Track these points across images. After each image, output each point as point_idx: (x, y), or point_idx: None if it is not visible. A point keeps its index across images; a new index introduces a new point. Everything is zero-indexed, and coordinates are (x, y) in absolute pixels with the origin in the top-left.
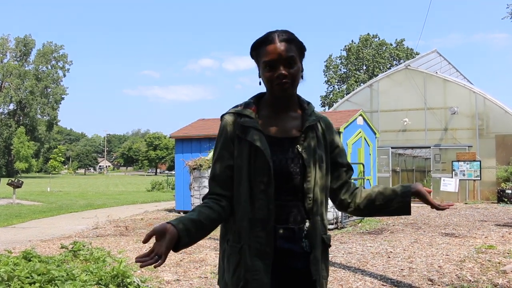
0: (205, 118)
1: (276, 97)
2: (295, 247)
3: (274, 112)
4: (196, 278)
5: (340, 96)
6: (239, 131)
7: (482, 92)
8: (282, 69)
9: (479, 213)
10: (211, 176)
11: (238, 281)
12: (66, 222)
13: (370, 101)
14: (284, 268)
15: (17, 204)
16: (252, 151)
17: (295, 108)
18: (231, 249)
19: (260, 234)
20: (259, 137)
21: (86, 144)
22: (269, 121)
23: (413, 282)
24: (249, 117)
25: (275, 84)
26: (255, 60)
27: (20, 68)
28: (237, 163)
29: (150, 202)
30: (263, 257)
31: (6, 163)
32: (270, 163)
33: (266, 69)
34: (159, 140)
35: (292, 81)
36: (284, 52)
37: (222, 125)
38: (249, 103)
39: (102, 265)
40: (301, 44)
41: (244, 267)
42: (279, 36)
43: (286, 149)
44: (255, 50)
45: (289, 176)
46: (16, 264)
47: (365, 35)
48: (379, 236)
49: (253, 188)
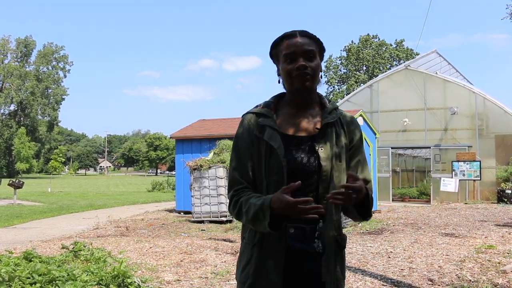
0: (205, 119)
1: (295, 92)
2: (308, 247)
3: (293, 111)
4: (196, 278)
5: (340, 96)
6: (257, 131)
7: (482, 93)
8: (302, 60)
9: (479, 213)
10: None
11: (246, 278)
12: (67, 223)
13: (370, 102)
14: (296, 268)
15: (18, 205)
16: (267, 150)
17: (315, 106)
18: (245, 247)
19: (274, 234)
20: (274, 136)
21: (87, 144)
22: (288, 120)
23: (413, 282)
24: (267, 116)
25: (295, 75)
26: (274, 60)
27: (20, 69)
28: (256, 163)
29: (151, 202)
30: (274, 256)
31: (7, 164)
32: (283, 162)
33: (287, 62)
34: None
35: (313, 74)
36: (305, 45)
37: (242, 124)
38: (269, 102)
39: (102, 265)
40: (321, 43)
41: (254, 265)
42: (300, 32)
43: (302, 147)
44: (275, 48)
45: (304, 175)
46: (17, 265)
47: (365, 36)
48: (379, 236)
49: (269, 187)
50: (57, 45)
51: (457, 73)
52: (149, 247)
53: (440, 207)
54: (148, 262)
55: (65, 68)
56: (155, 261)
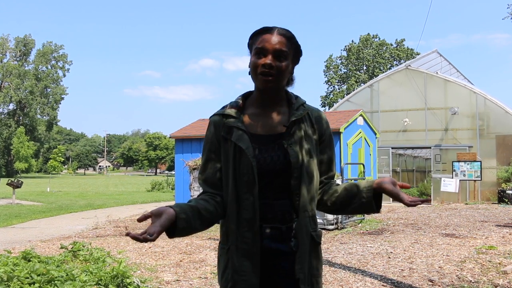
0: (205, 118)
1: (260, 90)
2: (283, 247)
3: (260, 109)
4: (196, 278)
5: (340, 96)
6: (224, 132)
7: (483, 93)
8: (270, 59)
9: (479, 213)
10: (203, 178)
11: (226, 282)
12: (66, 222)
13: (371, 101)
14: (272, 268)
15: (16, 204)
16: (236, 151)
17: (282, 103)
18: (221, 251)
19: (247, 235)
20: (242, 137)
21: (86, 144)
22: (255, 119)
23: (413, 283)
24: (233, 117)
25: (259, 73)
26: (250, 50)
27: (20, 68)
28: (224, 165)
29: (150, 202)
30: (250, 257)
31: (5, 163)
32: (253, 162)
33: (256, 55)
34: (159, 140)
35: (277, 75)
36: (278, 44)
37: (209, 127)
38: (235, 102)
39: (101, 265)
40: (298, 46)
41: (231, 268)
42: (279, 30)
43: (271, 146)
44: (252, 39)
45: (274, 174)
46: (16, 265)
47: (365, 35)
48: (379, 237)
49: (239, 189)
50: (57, 44)
51: (457, 73)
52: (148, 247)
53: (440, 208)
54: (147, 262)
55: (64, 67)
56: (155, 261)
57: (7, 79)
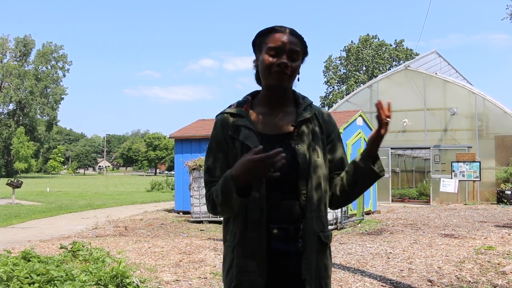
0: (205, 119)
1: (270, 88)
2: (290, 247)
3: (268, 109)
4: (195, 278)
5: (339, 96)
6: (232, 131)
7: (482, 93)
8: (285, 58)
9: (478, 214)
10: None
11: (230, 281)
12: (66, 222)
13: (370, 102)
14: (279, 268)
15: (16, 204)
16: (243, 150)
17: (289, 103)
18: (227, 250)
19: (253, 235)
20: (250, 136)
21: (86, 144)
22: (263, 118)
23: (412, 283)
24: (241, 116)
25: (274, 71)
26: (255, 49)
27: (19, 68)
28: (231, 164)
29: (150, 202)
30: (256, 257)
31: (5, 163)
32: None
33: (269, 54)
34: (158, 140)
35: (291, 75)
36: (292, 44)
37: (215, 125)
38: (243, 101)
39: (101, 265)
40: (306, 47)
41: (236, 267)
42: (290, 31)
43: (279, 146)
44: (260, 37)
45: (282, 174)
46: (15, 264)
47: (364, 36)
48: (378, 237)
49: None
50: (56, 45)
51: (457, 73)
52: (148, 247)
53: (439, 208)
54: (147, 262)
55: (64, 67)
56: (154, 261)
57: (7, 79)
